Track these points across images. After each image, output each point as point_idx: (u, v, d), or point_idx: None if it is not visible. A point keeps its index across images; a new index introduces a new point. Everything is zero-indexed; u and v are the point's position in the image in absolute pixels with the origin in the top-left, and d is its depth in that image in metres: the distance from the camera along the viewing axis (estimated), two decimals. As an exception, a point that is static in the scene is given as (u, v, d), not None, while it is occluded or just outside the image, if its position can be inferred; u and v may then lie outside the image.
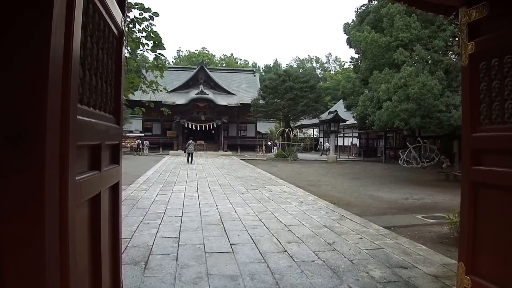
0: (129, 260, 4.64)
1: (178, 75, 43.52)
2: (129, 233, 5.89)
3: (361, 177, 16.82)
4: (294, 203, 9.05)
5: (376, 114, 13.53)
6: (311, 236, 5.93)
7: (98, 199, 1.72)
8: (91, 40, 1.60)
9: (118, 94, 2.13)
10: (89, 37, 1.56)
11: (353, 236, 6.00)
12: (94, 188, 1.66)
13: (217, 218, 7.11)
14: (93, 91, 1.64)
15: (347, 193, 11.28)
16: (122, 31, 2.17)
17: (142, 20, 3.90)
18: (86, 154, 1.58)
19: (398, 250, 5.27)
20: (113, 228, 2.12)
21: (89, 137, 1.56)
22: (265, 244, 5.37)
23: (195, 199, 9.39)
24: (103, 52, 1.82)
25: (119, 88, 2.13)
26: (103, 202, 1.79)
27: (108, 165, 1.95)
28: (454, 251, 5.56)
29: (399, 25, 13.25)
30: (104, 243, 1.85)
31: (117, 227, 2.17)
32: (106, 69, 1.91)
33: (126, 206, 8.22)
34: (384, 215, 8.05)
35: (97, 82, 1.71)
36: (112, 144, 2.06)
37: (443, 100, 12.24)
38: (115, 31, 2.04)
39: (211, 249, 5.11)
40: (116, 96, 2.11)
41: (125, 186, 11.68)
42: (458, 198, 9.40)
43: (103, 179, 1.78)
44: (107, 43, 1.90)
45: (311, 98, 30.77)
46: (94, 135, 1.64)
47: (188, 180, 13.58)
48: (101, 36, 1.77)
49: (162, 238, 5.61)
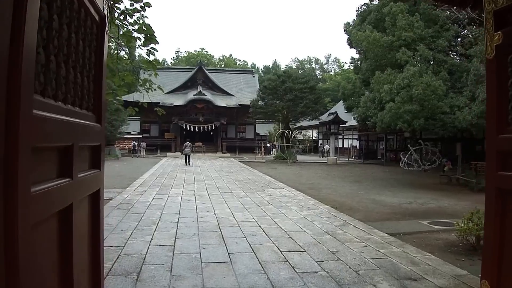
0: (120, 270, 4.35)
1: (176, 76, 43.26)
2: (122, 240, 5.59)
3: (362, 180, 16.53)
4: (295, 207, 8.75)
5: (378, 116, 13.25)
6: (313, 244, 5.63)
7: (69, 212, 1.43)
8: (60, 21, 1.31)
9: (99, 89, 1.84)
10: (56, 16, 1.27)
11: (358, 244, 5.71)
12: (62, 200, 1.37)
13: (214, 224, 6.81)
14: (62, 82, 1.35)
15: (349, 197, 10.99)
16: (105, 16, 1.87)
17: (133, 11, 3.61)
18: (50, 159, 1.29)
19: (406, 260, 4.98)
20: (93, 243, 1.83)
21: (54, 137, 1.27)
22: (265, 253, 5.07)
23: (192, 203, 9.09)
24: (77, 38, 1.53)
25: (100, 82, 1.84)
26: (76, 214, 1.50)
27: (85, 171, 1.66)
28: (464, 261, 5.28)
29: (401, 24, 12.99)
30: (79, 263, 1.55)
31: (98, 242, 1.88)
32: (83, 59, 1.62)
33: (120, 211, 7.93)
34: (388, 221, 7.76)
35: (68, 72, 1.42)
36: (91, 146, 1.77)
37: (447, 102, 11.97)
38: (95, 16, 1.76)
39: (208, 258, 4.82)
40: (96, 91, 1.82)
41: (120, 189, 11.37)
42: (463, 202, 9.14)
43: (76, 187, 1.49)
44: (83, 28, 1.61)
45: (310, 99, 30.48)
46: (62, 134, 1.34)
47: (186, 183, 13.28)
48: (75, 18, 1.48)
49: (156, 247, 5.32)
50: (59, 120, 1.30)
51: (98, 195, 1.85)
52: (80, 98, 1.59)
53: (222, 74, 46.50)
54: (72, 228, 1.44)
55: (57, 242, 1.37)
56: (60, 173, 1.36)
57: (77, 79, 1.54)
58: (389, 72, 13.13)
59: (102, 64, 1.85)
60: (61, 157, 1.36)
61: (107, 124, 27.10)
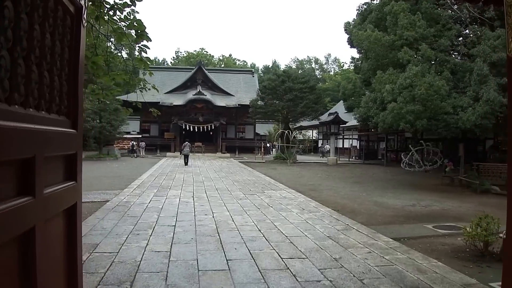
0: (113, 279, 4.14)
1: (176, 75, 43.02)
2: (117, 246, 5.38)
3: (363, 181, 16.32)
4: (295, 210, 8.53)
5: (380, 116, 13.01)
6: (315, 250, 5.41)
7: (31, 236, 1.20)
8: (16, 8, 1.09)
9: (74, 89, 1.61)
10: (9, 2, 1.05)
11: (361, 250, 5.48)
12: (21, 222, 1.14)
13: (213, 228, 6.59)
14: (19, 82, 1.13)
15: (351, 199, 10.76)
16: (81, 7, 1.65)
17: (123, 6, 3.38)
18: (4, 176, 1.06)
19: (412, 267, 4.76)
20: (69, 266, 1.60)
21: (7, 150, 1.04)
22: (265, 260, 4.85)
23: (190, 205, 8.86)
24: (43, 30, 1.30)
25: (76, 82, 1.61)
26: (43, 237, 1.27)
27: (55, 185, 1.43)
28: (472, 268, 5.06)
29: (403, 23, 12.75)
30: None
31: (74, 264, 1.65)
32: (52, 55, 1.39)
33: (116, 214, 7.72)
34: (391, 225, 7.53)
35: (29, 71, 1.19)
36: (63, 156, 1.55)
37: (450, 102, 11.74)
38: (68, 6, 1.53)
39: (205, 266, 4.60)
40: (71, 92, 1.59)
41: (118, 190, 11.14)
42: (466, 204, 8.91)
43: (41, 206, 1.26)
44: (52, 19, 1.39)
45: (311, 99, 30.21)
46: (20, 146, 1.12)
47: (184, 185, 13.05)
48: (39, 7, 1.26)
49: (151, 253, 5.10)
50: (15, 129, 1.07)
51: (74, 210, 1.62)
52: (48, 100, 1.36)
53: (222, 74, 46.23)
54: (35, 254, 1.22)
55: (16, 273, 1.15)
56: (18, 192, 1.13)
57: (44, 79, 1.32)
58: (391, 72, 12.90)
59: (78, 61, 1.62)
60: (19, 172, 1.14)
61: (105, 124, 27.04)
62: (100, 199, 9.56)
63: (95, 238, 5.74)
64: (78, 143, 1.65)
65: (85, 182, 11.48)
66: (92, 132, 27.05)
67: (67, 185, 1.56)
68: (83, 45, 1.70)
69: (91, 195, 10.21)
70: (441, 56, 13.18)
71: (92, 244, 5.37)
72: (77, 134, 1.63)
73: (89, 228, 6.36)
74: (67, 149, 1.55)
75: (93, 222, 6.85)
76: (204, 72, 41.01)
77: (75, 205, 1.63)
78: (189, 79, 40.44)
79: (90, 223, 6.72)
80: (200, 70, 40.91)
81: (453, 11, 15.03)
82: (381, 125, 13.30)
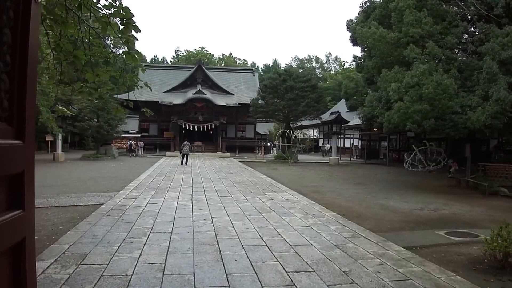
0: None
1: (175, 74, 42.56)
2: (107, 256, 4.96)
3: (366, 182, 15.90)
4: (299, 215, 8.12)
5: (385, 116, 12.57)
6: (322, 261, 4.99)
7: None
8: None
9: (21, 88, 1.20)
10: None
11: (372, 261, 5.07)
12: None
13: (211, 236, 6.17)
14: None
15: (356, 202, 10.34)
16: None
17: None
18: None
19: (429, 283, 4.35)
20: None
21: None
22: (268, 274, 4.43)
23: (189, 209, 8.45)
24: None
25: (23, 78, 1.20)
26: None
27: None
28: (493, 282, 4.65)
29: (409, 20, 12.30)
30: None
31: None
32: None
33: (110, 219, 7.30)
34: (402, 231, 7.11)
35: None
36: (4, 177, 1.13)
37: (458, 101, 11.31)
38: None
39: (203, 281, 4.18)
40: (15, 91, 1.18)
41: (113, 193, 10.71)
42: (477, 208, 8.45)
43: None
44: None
45: (312, 98, 29.70)
46: None
47: (183, 186, 12.63)
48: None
49: (145, 265, 4.68)
50: None
51: (21, 248, 1.21)
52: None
53: (222, 73, 45.73)
54: None
55: None
56: None
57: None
58: (396, 70, 12.46)
59: (26, 49, 1.21)
60: None
61: (103, 123, 26.57)
62: (94, 202, 9.15)
63: (85, 247, 5.33)
64: (27, 158, 1.23)
65: (80, 184, 11.10)
66: (90, 131, 26.64)
67: (11, 216, 1.14)
68: (36, 27, 1.28)
69: (85, 197, 9.80)
70: (448, 53, 12.74)
71: (81, 255, 4.97)
72: (24, 146, 1.21)
73: (79, 235, 5.95)
74: (9, 168, 1.14)
75: (84, 228, 6.43)
76: (204, 71, 40.53)
77: (23, 242, 1.21)
78: (189, 78, 39.96)
79: (80, 230, 6.31)
80: (200, 68, 40.42)
81: (460, 7, 14.58)
82: (386, 125, 12.85)
